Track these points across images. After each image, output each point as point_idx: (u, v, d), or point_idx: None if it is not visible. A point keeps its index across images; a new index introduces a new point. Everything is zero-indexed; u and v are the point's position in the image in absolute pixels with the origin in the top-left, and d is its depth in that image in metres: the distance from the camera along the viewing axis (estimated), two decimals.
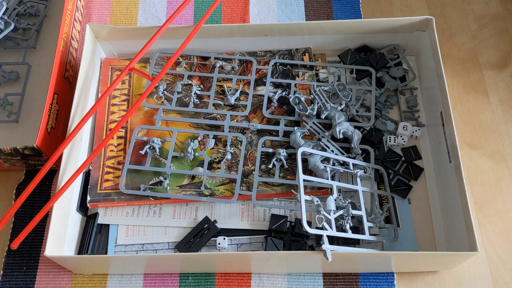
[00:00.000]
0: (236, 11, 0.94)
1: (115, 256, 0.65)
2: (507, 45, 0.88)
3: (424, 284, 0.69)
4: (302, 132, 0.74)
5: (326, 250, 0.59)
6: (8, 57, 0.79)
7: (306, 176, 0.66)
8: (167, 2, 0.95)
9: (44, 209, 0.64)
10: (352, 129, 0.73)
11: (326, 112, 0.74)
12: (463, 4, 0.93)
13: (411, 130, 0.77)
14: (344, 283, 0.69)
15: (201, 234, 0.70)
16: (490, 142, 0.80)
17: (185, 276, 0.70)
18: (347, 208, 0.66)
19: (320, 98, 0.74)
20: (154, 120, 0.77)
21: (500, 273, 0.70)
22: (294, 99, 0.75)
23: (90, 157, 0.67)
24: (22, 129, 0.72)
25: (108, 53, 0.85)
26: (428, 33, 0.78)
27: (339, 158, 0.71)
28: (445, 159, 0.71)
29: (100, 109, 0.79)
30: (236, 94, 0.79)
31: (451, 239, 0.69)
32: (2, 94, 0.75)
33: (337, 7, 0.93)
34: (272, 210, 0.72)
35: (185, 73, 0.81)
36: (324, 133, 0.74)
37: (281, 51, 0.83)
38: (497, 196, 0.75)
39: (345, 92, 0.75)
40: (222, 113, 0.78)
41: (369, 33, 0.81)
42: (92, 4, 0.94)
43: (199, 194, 0.73)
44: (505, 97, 0.83)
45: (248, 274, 0.70)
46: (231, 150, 0.75)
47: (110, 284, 0.70)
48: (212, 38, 0.81)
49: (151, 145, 0.75)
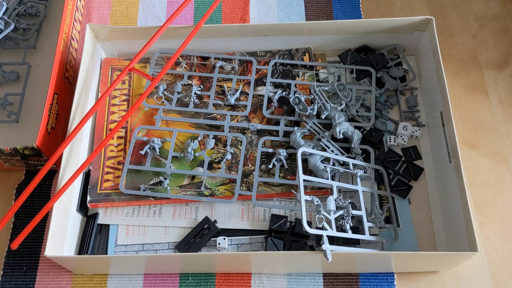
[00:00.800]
0: (236, 11, 0.94)
1: (115, 256, 0.65)
2: (507, 45, 0.88)
3: (424, 284, 0.69)
4: (302, 132, 0.74)
5: (326, 250, 0.59)
6: (8, 57, 0.79)
7: (306, 176, 0.66)
8: (167, 2, 0.95)
9: (44, 209, 0.64)
10: (352, 129, 0.73)
11: (326, 112, 0.74)
12: (463, 4, 0.93)
13: (411, 130, 0.77)
14: (344, 283, 0.69)
15: (201, 234, 0.70)
16: (490, 142, 0.80)
17: (185, 276, 0.70)
18: (347, 208, 0.66)
19: (320, 98, 0.74)
20: (154, 120, 0.78)
21: (500, 273, 0.70)
22: (294, 99, 0.75)
23: (90, 157, 0.67)
24: (22, 129, 0.72)
25: (108, 53, 0.85)
26: (428, 33, 0.78)
27: (339, 158, 0.71)
28: (445, 159, 0.71)
29: (100, 109, 0.79)
30: (236, 94, 0.79)
31: (451, 239, 0.69)
32: (2, 94, 0.75)
33: (337, 7, 0.93)
34: (272, 210, 0.72)
35: (185, 73, 0.81)
36: (324, 133, 0.74)
37: (281, 51, 0.83)
38: (497, 196, 0.75)
39: (345, 92, 0.75)
40: (222, 113, 0.78)
41: (369, 33, 0.81)
42: (92, 4, 0.94)
43: (199, 194, 0.73)
44: (505, 97, 0.83)
45: (248, 274, 0.70)
46: (231, 150, 0.75)
47: (110, 284, 0.70)
48: (212, 38, 0.81)
49: (151, 145, 0.75)
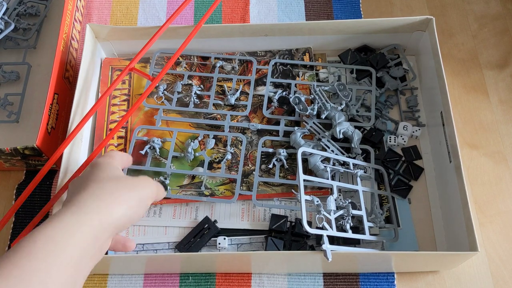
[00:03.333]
0: (236, 11, 0.94)
1: (115, 256, 0.65)
2: (507, 45, 0.88)
3: (424, 284, 0.69)
4: (302, 132, 0.74)
5: (326, 250, 0.59)
6: (8, 57, 0.79)
7: (306, 176, 0.66)
8: (167, 2, 0.95)
9: (44, 209, 0.64)
10: (352, 129, 0.73)
11: (326, 112, 0.74)
12: (463, 4, 0.93)
13: (411, 130, 0.77)
14: (345, 283, 0.69)
15: (201, 234, 0.70)
16: (491, 142, 0.80)
17: (185, 276, 0.70)
18: (347, 208, 0.66)
19: (320, 98, 0.74)
20: (155, 120, 0.78)
21: (500, 273, 0.70)
22: (294, 99, 0.75)
23: (90, 157, 0.67)
24: (22, 129, 0.72)
25: (108, 53, 0.85)
26: (428, 33, 0.78)
27: (339, 158, 0.71)
28: (445, 159, 0.71)
29: (100, 109, 0.79)
30: (236, 94, 0.79)
31: (451, 239, 0.69)
32: (2, 94, 0.75)
33: (337, 7, 0.93)
34: (272, 210, 0.72)
35: (185, 73, 0.81)
36: (324, 133, 0.74)
37: (281, 51, 0.83)
38: (497, 196, 0.75)
39: (345, 92, 0.75)
40: (222, 113, 0.78)
41: (369, 33, 0.81)
42: (92, 4, 0.94)
43: (199, 194, 0.73)
44: (505, 97, 0.83)
45: (249, 274, 0.70)
46: (231, 150, 0.75)
47: (110, 284, 0.70)
48: (212, 38, 0.81)
49: (151, 145, 0.75)
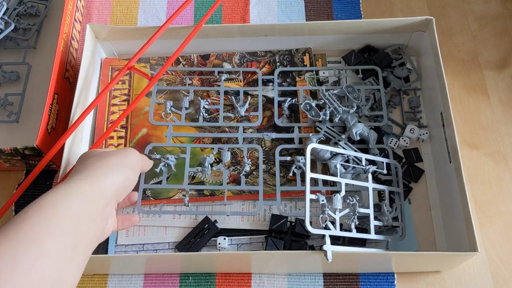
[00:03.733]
0: (236, 11, 0.94)
1: (115, 256, 0.65)
2: (507, 45, 0.88)
3: (424, 284, 0.69)
4: (318, 138, 0.73)
5: (327, 251, 0.59)
6: (8, 57, 0.79)
7: (313, 174, 0.64)
8: (167, 2, 0.95)
9: None
10: (368, 130, 0.73)
11: (338, 115, 0.73)
12: (463, 4, 0.93)
13: (418, 133, 0.77)
14: (345, 283, 0.69)
15: (201, 234, 0.70)
16: (491, 142, 0.80)
17: (185, 276, 0.70)
18: (353, 206, 0.65)
19: (331, 102, 0.74)
20: (157, 120, 0.77)
21: (501, 273, 0.70)
22: (305, 105, 0.74)
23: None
24: (22, 129, 0.72)
25: (108, 53, 0.85)
26: (428, 33, 0.78)
27: (357, 155, 0.70)
28: (445, 160, 0.71)
29: (100, 109, 0.79)
30: (245, 105, 0.77)
31: (451, 239, 0.69)
32: (2, 94, 0.75)
33: (337, 7, 0.93)
34: (272, 210, 0.72)
35: (190, 88, 0.79)
36: (340, 136, 0.74)
37: (281, 51, 0.83)
38: (497, 196, 0.75)
39: (355, 94, 0.75)
40: (233, 126, 0.77)
41: (369, 33, 0.81)
42: (92, 4, 0.94)
43: (199, 194, 0.72)
44: (506, 97, 0.83)
45: (249, 274, 0.70)
46: (248, 162, 0.73)
47: (111, 284, 0.70)
48: (212, 38, 0.81)
49: (165, 163, 0.72)
